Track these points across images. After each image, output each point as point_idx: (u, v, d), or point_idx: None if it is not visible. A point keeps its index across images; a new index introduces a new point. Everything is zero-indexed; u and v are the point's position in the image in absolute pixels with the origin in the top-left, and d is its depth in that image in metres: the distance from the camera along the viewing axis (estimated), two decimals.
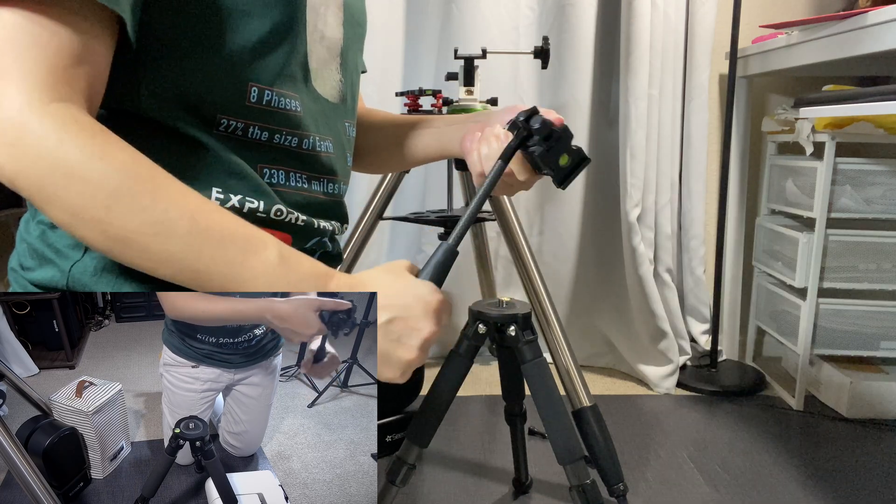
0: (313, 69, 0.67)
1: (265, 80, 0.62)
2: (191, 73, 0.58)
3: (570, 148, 0.66)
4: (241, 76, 0.60)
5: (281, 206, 0.65)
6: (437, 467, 1.55)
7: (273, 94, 0.62)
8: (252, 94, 0.61)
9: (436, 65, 2.04)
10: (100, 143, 0.48)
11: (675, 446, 1.66)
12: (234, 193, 0.61)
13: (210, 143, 0.60)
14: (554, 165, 0.66)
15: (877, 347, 1.86)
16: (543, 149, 0.66)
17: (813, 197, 1.79)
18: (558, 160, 0.66)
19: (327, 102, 0.71)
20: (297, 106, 0.65)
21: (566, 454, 1.09)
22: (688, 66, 2.01)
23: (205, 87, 0.59)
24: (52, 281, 0.60)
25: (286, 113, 0.64)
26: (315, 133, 0.68)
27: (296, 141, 0.66)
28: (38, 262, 0.62)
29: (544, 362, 1.11)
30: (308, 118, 0.67)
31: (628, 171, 1.95)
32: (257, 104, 0.62)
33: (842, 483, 1.49)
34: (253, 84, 0.61)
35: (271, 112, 0.63)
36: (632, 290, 2.03)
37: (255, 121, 0.62)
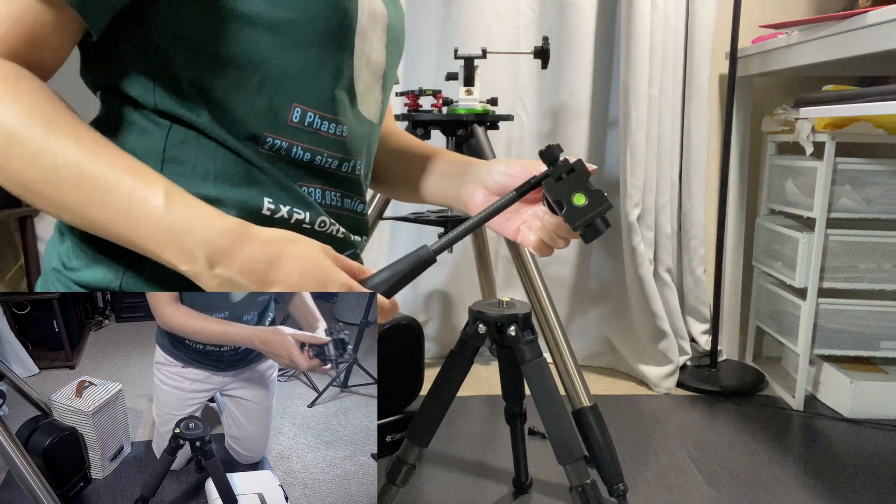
0: (360, 93, 0.68)
1: (309, 103, 0.62)
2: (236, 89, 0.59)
3: (587, 187, 0.61)
4: (285, 97, 0.61)
5: (325, 218, 0.66)
6: (437, 467, 1.55)
7: (316, 116, 0.63)
8: (295, 115, 0.62)
9: (436, 65, 2.04)
10: (8, 88, 0.49)
11: (675, 446, 1.66)
12: (283, 204, 0.62)
13: (256, 160, 0.61)
14: (566, 201, 0.62)
15: (877, 347, 1.86)
16: (553, 180, 0.62)
17: (813, 197, 1.79)
18: (571, 197, 0.61)
19: (371, 124, 0.71)
20: (342, 131, 0.66)
21: (566, 454, 1.09)
22: (688, 66, 2.01)
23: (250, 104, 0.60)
24: (104, 282, 0.59)
25: (333, 137, 0.65)
26: (357, 156, 0.69)
27: (336, 163, 0.67)
28: (87, 262, 0.60)
29: (544, 362, 1.11)
30: (353, 142, 0.68)
31: (628, 171, 1.95)
32: (300, 125, 0.62)
33: (842, 483, 1.49)
34: (297, 105, 0.62)
35: (314, 134, 0.64)
36: (632, 290, 2.03)
37: (299, 141, 0.63)
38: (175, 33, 0.57)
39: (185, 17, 0.57)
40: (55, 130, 0.49)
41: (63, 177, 0.48)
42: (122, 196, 0.49)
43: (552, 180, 0.62)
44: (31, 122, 0.49)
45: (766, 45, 1.87)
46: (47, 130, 0.49)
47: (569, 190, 0.62)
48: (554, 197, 0.63)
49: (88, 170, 0.49)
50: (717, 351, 2.10)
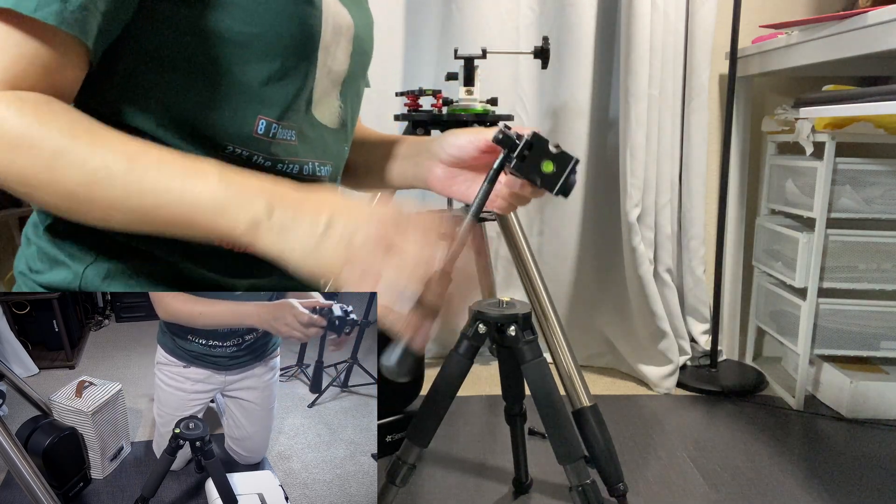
0: (315, 99, 0.69)
1: (274, 115, 0.63)
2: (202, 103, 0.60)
3: (548, 153, 0.63)
4: (250, 109, 0.62)
5: None
6: (437, 467, 1.55)
7: (278, 126, 0.64)
8: (259, 127, 0.63)
9: (436, 65, 2.04)
10: (42, 111, 0.50)
11: (675, 446, 1.66)
12: None
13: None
14: (537, 173, 0.64)
15: (877, 347, 1.86)
16: (518, 161, 0.63)
17: (813, 197, 1.79)
18: (540, 168, 0.63)
19: (326, 129, 0.72)
20: (292, 135, 0.66)
21: (566, 454, 1.09)
22: (688, 66, 2.01)
23: (214, 116, 0.61)
24: (65, 283, 0.62)
25: (285, 143, 0.66)
26: (314, 159, 0.69)
27: (296, 168, 0.67)
28: (49, 265, 0.63)
29: (544, 362, 1.11)
30: (305, 145, 0.68)
31: (628, 171, 1.95)
32: (264, 136, 0.63)
33: (842, 483, 1.49)
34: (262, 117, 0.63)
35: (274, 143, 0.64)
36: (632, 290, 2.03)
37: (260, 151, 0.64)
38: (142, 50, 0.58)
39: (153, 35, 0.58)
40: (99, 137, 0.51)
41: (114, 172, 0.49)
42: (176, 177, 0.50)
43: (517, 161, 0.63)
44: (74, 133, 0.50)
45: (766, 45, 1.87)
46: (92, 138, 0.50)
47: (535, 164, 0.63)
48: (525, 176, 0.64)
49: (139, 160, 0.50)
50: (717, 351, 2.10)
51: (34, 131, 0.49)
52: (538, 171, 0.63)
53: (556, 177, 0.63)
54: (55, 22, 0.50)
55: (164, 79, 0.59)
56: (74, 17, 0.50)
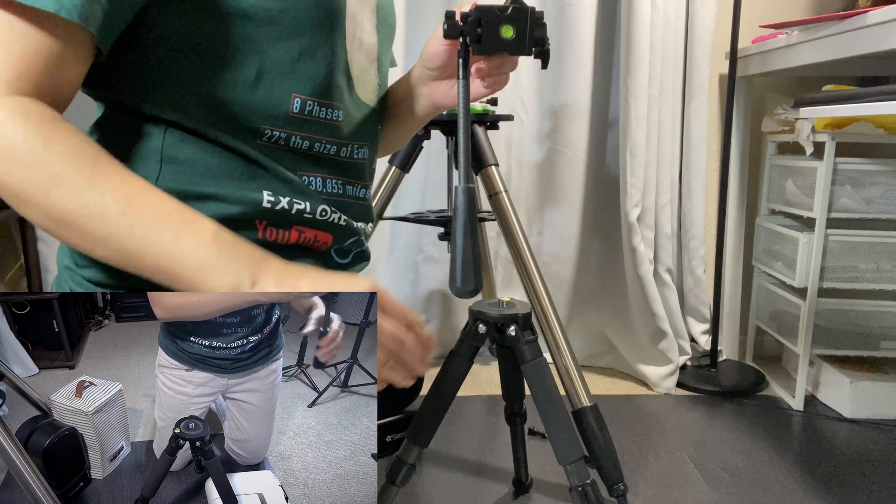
0: (356, 77, 0.68)
1: (307, 91, 0.63)
2: (234, 86, 0.60)
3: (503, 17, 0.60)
4: (283, 88, 0.61)
5: (325, 207, 0.66)
6: (437, 467, 1.55)
7: (315, 104, 0.64)
8: (295, 105, 0.63)
9: None
10: (46, 131, 0.49)
11: (675, 446, 1.66)
12: (282, 196, 0.63)
13: (253, 154, 0.62)
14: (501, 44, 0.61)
15: (877, 347, 1.86)
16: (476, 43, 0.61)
17: (813, 197, 1.79)
18: (500, 36, 0.60)
19: (367, 107, 0.72)
20: (339, 115, 0.66)
21: (566, 454, 1.09)
22: (688, 66, 2.01)
23: (248, 99, 0.60)
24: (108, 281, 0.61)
25: (328, 122, 0.65)
26: (354, 141, 0.69)
27: (334, 149, 0.67)
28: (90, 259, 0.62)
29: (544, 362, 1.11)
30: (349, 126, 0.68)
31: (628, 171, 1.95)
32: (300, 114, 0.63)
33: (842, 483, 1.49)
34: (296, 95, 0.62)
35: (312, 122, 0.64)
36: (632, 290, 2.03)
37: (298, 130, 0.63)
38: (170, 37, 0.57)
39: (179, 19, 0.57)
40: (101, 170, 0.51)
41: (108, 211, 0.49)
42: (171, 229, 0.51)
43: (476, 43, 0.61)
44: (77, 162, 0.50)
45: (766, 45, 1.87)
46: (94, 170, 0.50)
47: (494, 35, 0.61)
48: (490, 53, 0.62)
49: (136, 205, 0.50)
50: (717, 351, 2.10)
51: (36, 151, 0.48)
52: (501, 41, 0.60)
53: (521, 36, 0.60)
54: (54, 9, 0.49)
55: (195, 66, 0.58)
56: (74, 4, 0.49)
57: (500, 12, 0.60)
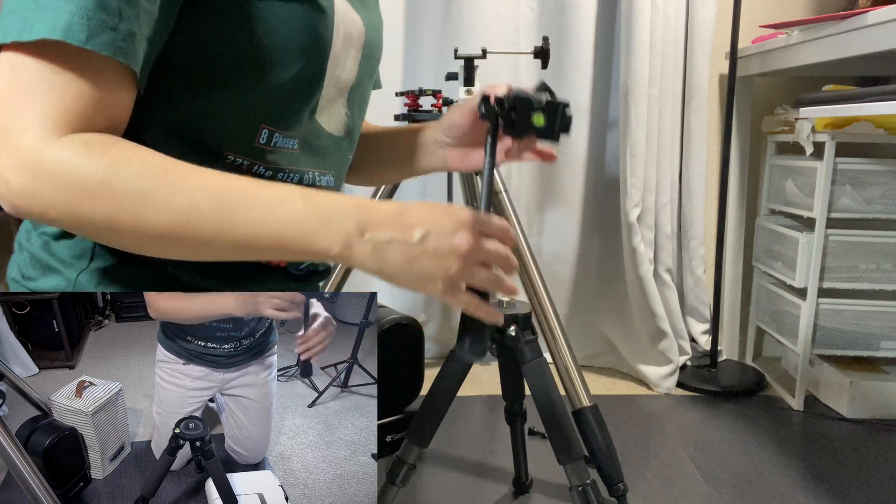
0: (320, 107, 0.68)
1: (277, 124, 0.63)
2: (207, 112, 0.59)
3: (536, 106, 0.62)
4: (256, 118, 0.61)
5: None
6: (437, 467, 1.55)
7: (280, 135, 0.64)
8: (262, 136, 0.62)
9: (436, 65, 2.04)
10: (113, 154, 0.49)
11: (675, 446, 1.66)
12: None
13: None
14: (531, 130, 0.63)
15: (877, 347, 1.86)
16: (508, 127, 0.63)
17: (813, 197, 1.79)
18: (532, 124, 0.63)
19: (331, 137, 0.71)
20: (294, 144, 0.66)
21: (566, 454, 1.09)
22: (688, 66, 2.01)
23: (218, 125, 0.60)
24: (57, 289, 0.61)
25: (287, 152, 0.65)
26: (314, 168, 0.69)
27: (297, 177, 0.67)
28: (42, 272, 0.63)
29: (544, 362, 1.11)
30: (307, 154, 0.67)
31: (628, 171, 1.95)
32: (266, 145, 0.63)
33: (842, 483, 1.49)
34: (265, 126, 0.62)
35: (275, 151, 0.64)
36: (632, 290, 2.03)
37: (260, 160, 0.63)
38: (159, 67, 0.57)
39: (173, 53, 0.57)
40: (178, 174, 0.51)
41: (203, 212, 0.50)
42: (263, 205, 0.51)
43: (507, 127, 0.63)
44: (152, 175, 0.50)
45: (766, 45, 1.87)
46: (171, 177, 0.50)
47: (525, 121, 0.63)
48: (519, 136, 0.64)
49: (224, 196, 0.51)
50: (717, 351, 2.10)
51: (113, 178, 0.48)
52: (531, 127, 0.63)
53: (550, 125, 0.63)
54: (109, 52, 0.49)
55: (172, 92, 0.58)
56: (126, 46, 0.50)
57: (536, 104, 0.62)
